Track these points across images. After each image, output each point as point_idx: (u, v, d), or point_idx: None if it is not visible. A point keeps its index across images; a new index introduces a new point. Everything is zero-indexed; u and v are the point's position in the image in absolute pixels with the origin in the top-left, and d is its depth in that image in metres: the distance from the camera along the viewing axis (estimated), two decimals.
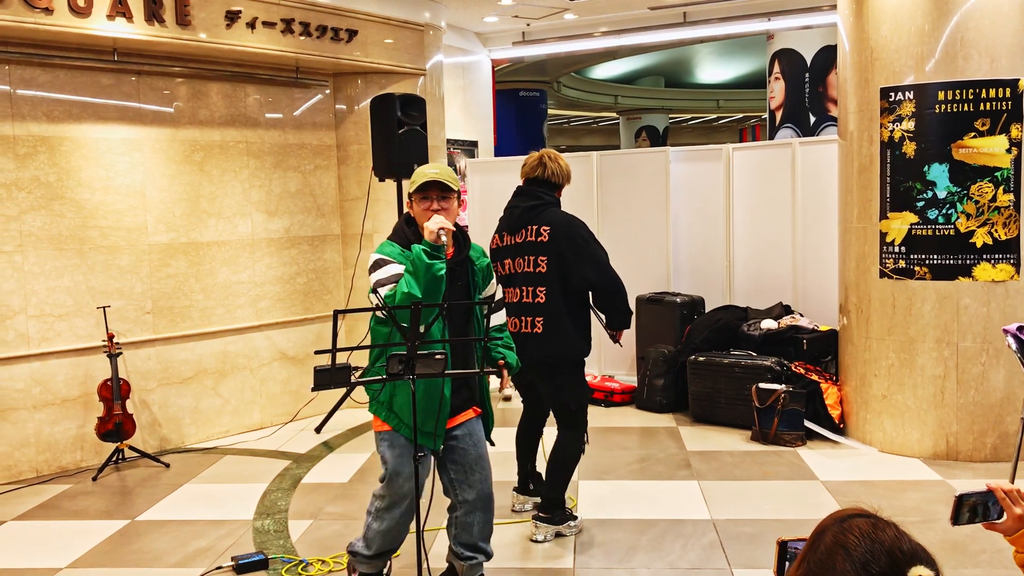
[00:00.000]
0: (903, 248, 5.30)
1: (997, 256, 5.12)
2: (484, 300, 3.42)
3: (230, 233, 6.43)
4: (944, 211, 5.17)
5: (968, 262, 5.15)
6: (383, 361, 3.10)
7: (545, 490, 4.29)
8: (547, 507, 4.26)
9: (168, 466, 5.67)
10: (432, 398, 3.26)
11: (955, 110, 5.11)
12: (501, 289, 3.81)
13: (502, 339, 3.57)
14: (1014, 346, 4.33)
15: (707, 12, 8.74)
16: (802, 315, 6.62)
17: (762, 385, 5.85)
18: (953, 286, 5.19)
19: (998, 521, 1.82)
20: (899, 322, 5.36)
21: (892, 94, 5.28)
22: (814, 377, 5.97)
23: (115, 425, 5.49)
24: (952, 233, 5.16)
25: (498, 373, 3.49)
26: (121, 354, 5.60)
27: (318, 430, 6.50)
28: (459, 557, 3.52)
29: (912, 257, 5.28)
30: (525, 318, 4.18)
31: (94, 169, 5.72)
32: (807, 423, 5.75)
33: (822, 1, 8.29)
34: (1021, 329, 4.35)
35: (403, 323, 2.96)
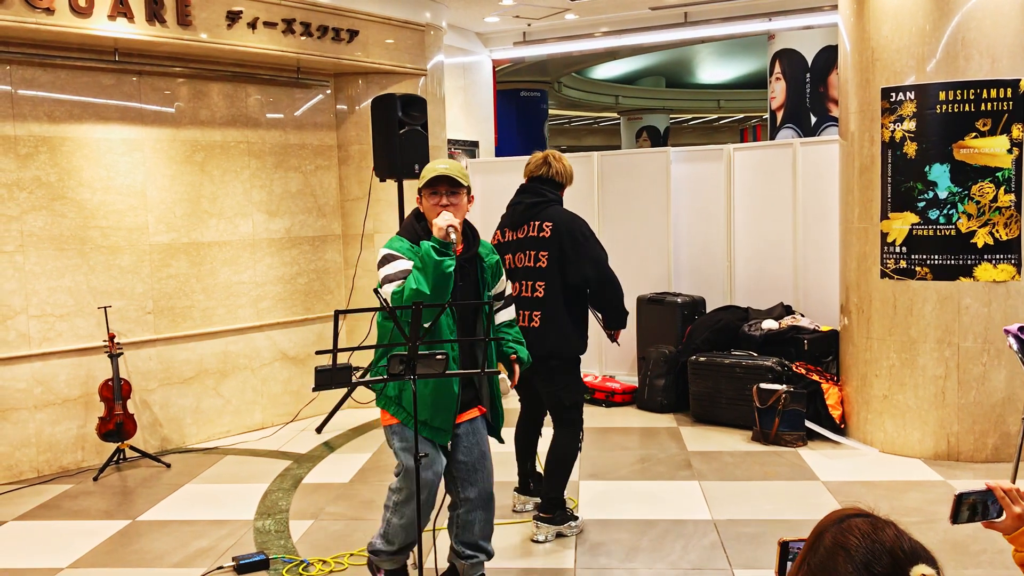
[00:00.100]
0: (904, 248, 5.30)
1: (998, 256, 5.12)
2: (486, 300, 3.41)
3: (231, 233, 6.43)
4: (945, 211, 5.17)
5: (969, 262, 5.15)
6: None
7: (545, 490, 4.30)
8: (547, 507, 4.27)
9: (169, 466, 5.67)
10: (442, 394, 3.25)
11: (956, 110, 5.10)
12: (510, 285, 3.82)
13: (511, 335, 3.56)
14: (1015, 346, 4.33)
15: (708, 12, 8.74)
16: (803, 315, 6.62)
17: (763, 385, 5.85)
18: (954, 286, 5.19)
19: (997, 520, 1.82)
20: (900, 322, 5.36)
21: (893, 94, 5.28)
22: (815, 377, 5.97)
23: (116, 425, 5.49)
24: (953, 233, 5.16)
25: (509, 372, 3.48)
26: (122, 354, 5.60)
27: (319, 430, 6.50)
28: (460, 556, 3.52)
29: (913, 257, 5.28)
30: (523, 312, 4.21)
31: (95, 169, 5.72)
32: (808, 423, 5.75)
33: (823, 1, 8.29)
34: (1022, 329, 4.35)
35: (407, 321, 2.96)
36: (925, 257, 5.24)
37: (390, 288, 3.14)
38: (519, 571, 3.95)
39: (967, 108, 5.08)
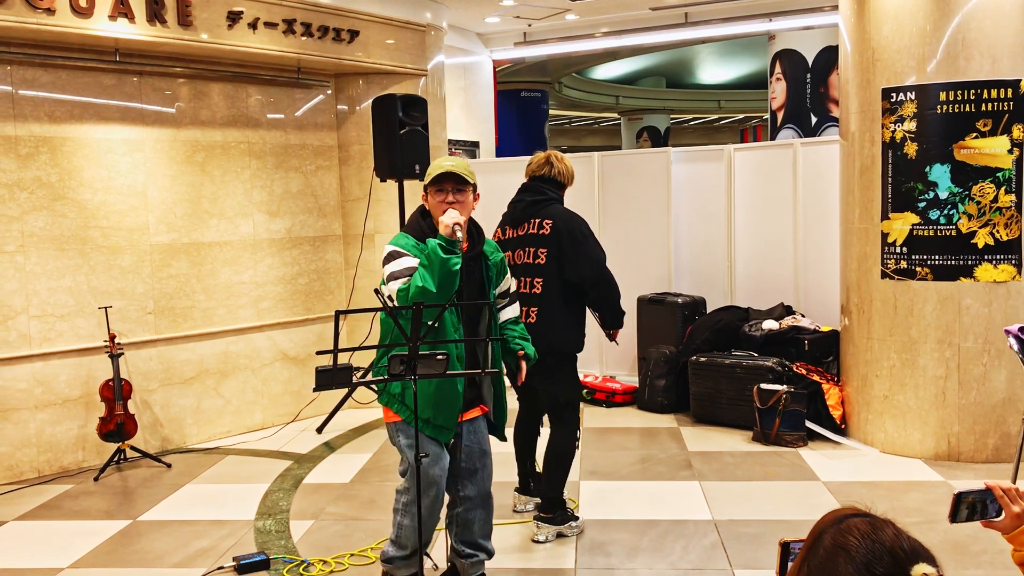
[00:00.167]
0: (904, 249, 5.30)
1: (999, 257, 5.12)
2: (486, 301, 3.40)
3: (232, 233, 6.43)
4: (946, 212, 5.17)
5: (970, 263, 5.15)
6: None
7: (544, 490, 4.31)
8: (547, 507, 4.27)
9: (170, 466, 5.67)
10: (445, 393, 3.24)
11: (957, 111, 5.10)
12: (514, 282, 3.82)
13: (517, 331, 3.55)
14: (1016, 347, 4.33)
15: (708, 13, 8.74)
16: (803, 316, 6.61)
17: (763, 386, 5.85)
18: (955, 287, 5.19)
19: (996, 519, 1.82)
20: (900, 323, 5.36)
21: (894, 95, 5.28)
22: (815, 378, 5.97)
23: (117, 425, 5.49)
24: (954, 234, 5.16)
25: (516, 368, 3.46)
26: (123, 354, 5.60)
27: (319, 430, 6.50)
28: (460, 555, 3.51)
29: (913, 258, 5.28)
30: (521, 308, 4.21)
31: (96, 169, 5.73)
32: (808, 424, 5.75)
33: (823, 2, 8.29)
34: (1023, 330, 4.35)
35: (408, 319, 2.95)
36: (926, 257, 5.24)
37: (396, 285, 3.12)
38: (519, 571, 3.95)
39: (968, 108, 5.08)
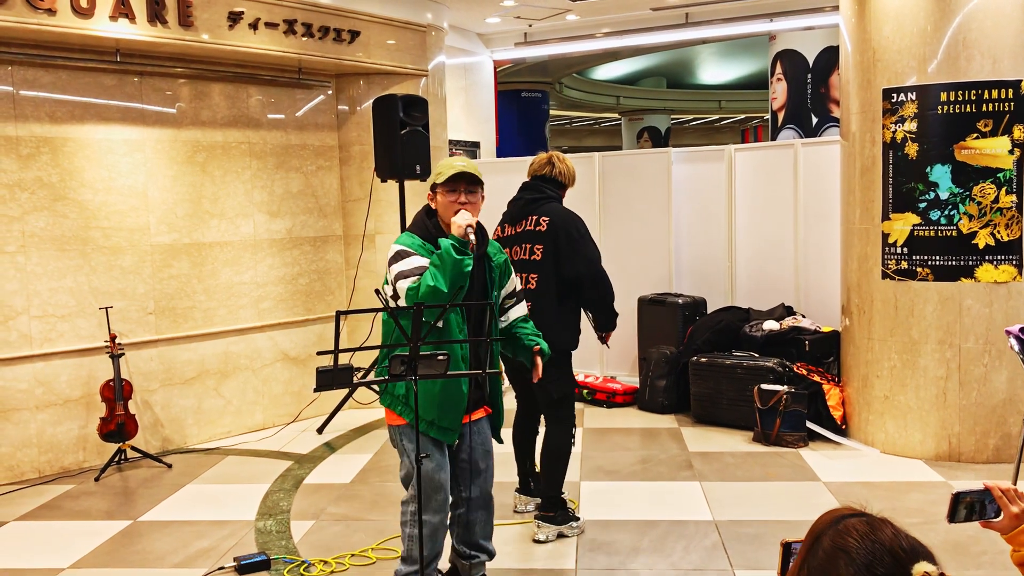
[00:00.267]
0: (905, 249, 5.30)
1: (999, 257, 5.12)
2: (491, 301, 3.39)
3: (232, 234, 6.43)
4: (946, 212, 5.16)
5: (970, 263, 5.15)
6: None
7: (543, 489, 4.32)
8: (548, 506, 4.28)
9: (170, 466, 5.67)
10: (450, 394, 3.23)
11: (957, 111, 5.10)
12: (519, 282, 3.81)
13: (528, 328, 3.53)
14: (1016, 347, 4.33)
15: (709, 13, 8.74)
16: (804, 316, 6.61)
17: (764, 386, 5.85)
18: (955, 287, 5.19)
19: (995, 520, 1.82)
20: (901, 323, 5.35)
21: (894, 95, 5.28)
22: (816, 378, 5.97)
23: (117, 426, 5.50)
24: (954, 234, 5.16)
25: (531, 365, 3.42)
26: (123, 355, 5.60)
27: (320, 431, 6.50)
28: (462, 556, 3.51)
29: (914, 258, 5.28)
30: None
31: (96, 170, 5.73)
32: (809, 424, 5.75)
33: (824, 2, 8.29)
34: (1023, 330, 4.35)
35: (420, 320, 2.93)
36: (926, 258, 5.24)
37: (405, 284, 3.09)
38: (520, 571, 3.95)
39: (968, 109, 5.08)
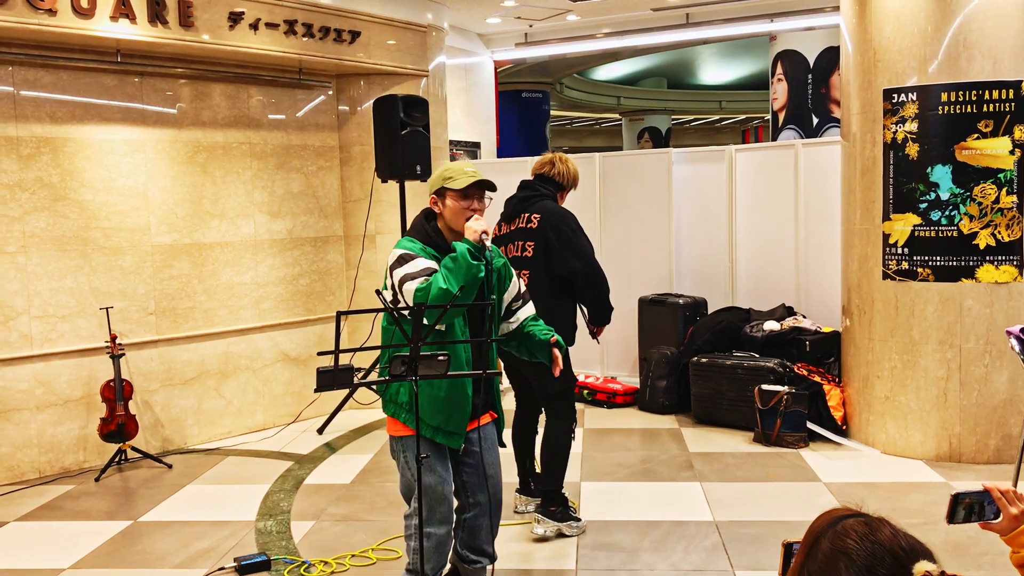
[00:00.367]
0: (906, 249, 5.30)
1: (1000, 258, 5.11)
2: (489, 301, 3.37)
3: (233, 234, 6.43)
4: (947, 212, 5.16)
5: (971, 264, 5.15)
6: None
7: (543, 484, 4.35)
8: (548, 501, 4.30)
9: (171, 467, 5.67)
10: (455, 397, 3.20)
11: (958, 111, 5.10)
12: (522, 283, 3.79)
13: (540, 325, 3.51)
14: (1017, 348, 4.32)
15: (710, 13, 8.74)
16: (805, 316, 6.61)
17: (765, 387, 5.84)
18: (956, 288, 5.18)
19: (994, 521, 1.82)
20: (902, 324, 5.35)
21: (895, 95, 5.28)
22: (816, 379, 5.96)
23: (118, 426, 5.50)
24: (955, 235, 5.16)
25: (551, 360, 3.37)
26: (124, 355, 5.60)
27: (320, 431, 6.50)
28: (464, 561, 3.47)
29: (915, 259, 5.27)
30: None
31: (97, 170, 5.73)
32: (809, 425, 5.74)
33: (825, 2, 8.29)
34: None
35: (426, 323, 2.91)
36: (927, 258, 5.24)
37: (413, 285, 3.06)
38: (520, 572, 3.95)
39: (969, 109, 5.08)
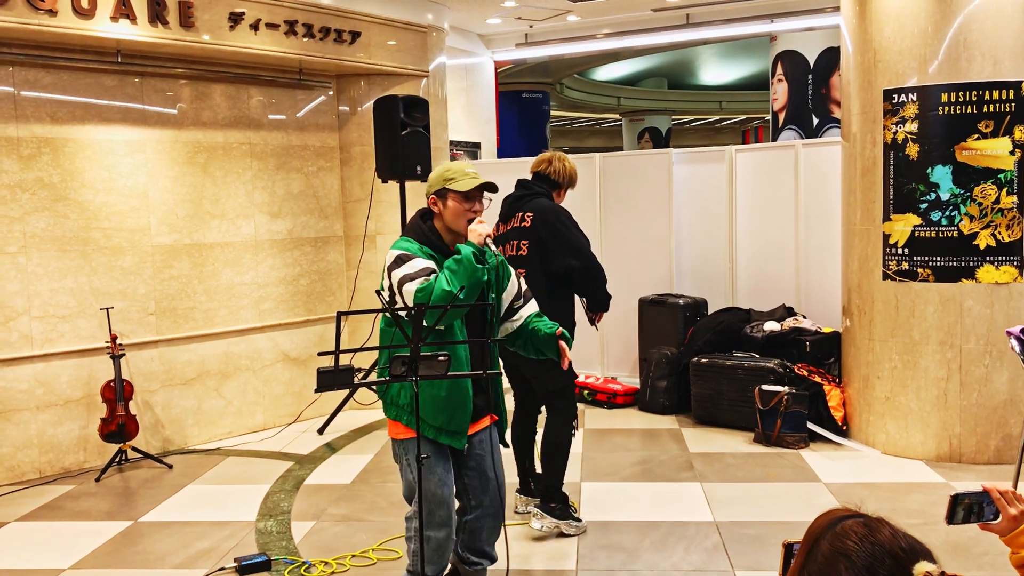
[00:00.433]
0: (906, 250, 5.30)
1: (1000, 258, 5.11)
2: (490, 302, 3.37)
3: (233, 234, 6.43)
4: (947, 213, 5.16)
5: (971, 264, 5.15)
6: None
7: (544, 480, 4.36)
8: (548, 497, 4.31)
9: (171, 467, 5.67)
10: (455, 396, 3.18)
11: (958, 112, 5.10)
12: (523, 282, 3.79)
13: (544, 320, 3.49)
14: (1017, 348, 4.32)
15: (710, 14, 8.74)
16: (805, 317, 6.61)
17: (765, 387, 5.84)
18: (956, 288, 5.18)
19: (993, 522, 1.82)
20: (902, 324, 5.35)
21: (895, 96, 5.28)
22: (817, 379, 5.96)
23: (118, 426, 5.50)
24: (955, 235, 5.16)
25: (558, 353, 3.34)
26: (124, 355, 5.61)
27: (321, 431, 6.50)
28: (465, 562, 3.47)
29: (915, 259, 5.27)
30: None
31: (97, 171, 5.73)
32: (810, 425, 5.74)
33: (825, 3, 8.29)
34: None
35: (426, 324, 2.91)
36: (927, 259, 5.24)
37: (413, 286, 3.05)
38: (520, 572, 3.95)
39: (969, 110, 5.08)
